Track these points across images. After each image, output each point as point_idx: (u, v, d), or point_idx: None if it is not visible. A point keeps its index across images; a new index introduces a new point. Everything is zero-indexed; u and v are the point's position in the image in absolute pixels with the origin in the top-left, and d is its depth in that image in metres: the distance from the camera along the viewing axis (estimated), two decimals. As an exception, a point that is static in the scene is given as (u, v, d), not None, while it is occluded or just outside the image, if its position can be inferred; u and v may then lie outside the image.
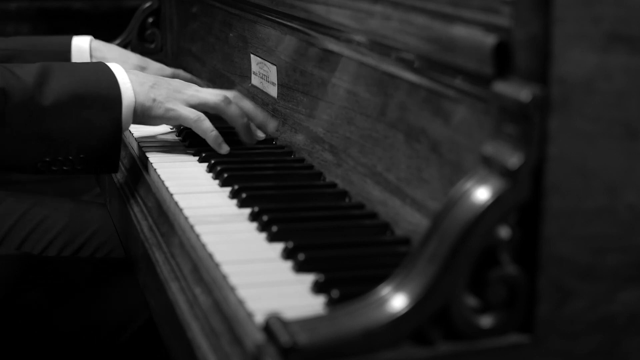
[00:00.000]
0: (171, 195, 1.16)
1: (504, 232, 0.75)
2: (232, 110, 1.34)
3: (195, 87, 1.36)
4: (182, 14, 2.11)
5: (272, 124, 1.39)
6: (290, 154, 1.36)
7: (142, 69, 1.70)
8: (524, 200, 0.75)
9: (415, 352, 0.74)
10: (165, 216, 1.15)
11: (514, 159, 0.75)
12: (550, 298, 0.77)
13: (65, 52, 1.65)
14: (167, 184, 1.20)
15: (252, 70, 1.56)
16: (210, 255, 0.96)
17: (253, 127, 1.38)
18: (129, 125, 1.29)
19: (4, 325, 1.34)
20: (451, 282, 0.75)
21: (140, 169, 1.35)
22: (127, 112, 1.26)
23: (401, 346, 0.74)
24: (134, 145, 1.43)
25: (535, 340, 0.77)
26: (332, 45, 1.22)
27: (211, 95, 1.34)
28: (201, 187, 1.21)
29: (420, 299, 0.74)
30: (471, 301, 0.76)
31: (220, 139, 1.32)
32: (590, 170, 0.77)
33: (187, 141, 1.40)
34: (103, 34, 2.24)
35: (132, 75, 1.28)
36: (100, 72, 1.27)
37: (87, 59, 1.67)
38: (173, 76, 1.74)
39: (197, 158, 1.33)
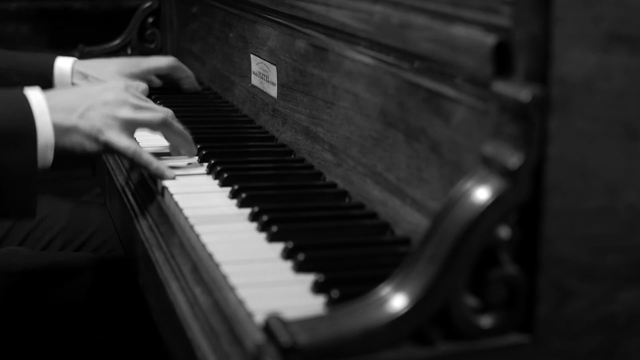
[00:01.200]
0: (171, 195, 1.16)
1: (504, 232, 0.75)
2: (177, 126, 1.27)
3: (134, 100, 1.23)
4: (182, 14, 2.11)
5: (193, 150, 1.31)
6: (290, 154, 1.36)
7: (130, 73, 1.66)
8: (524, 200, 0.75)
9: (415, 352, 0.74)
10: (165, 216, 1.15)
11: (514, 159, 0.75)
12: (550, 298, 0.77)
13: (48, 73, 1.61)
14: (166, 184, 1.20)
15: (252, 70, 1.56)
16: (210, 255, 0.96)
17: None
18: (48, 163, 1.14)
19: (4, 323, 1.34)
20: (451, 282, 0.74)
21: (140, 168, 1.35)
22: (44, 150, 1.12)
23: (401, 346, 0.74)
24: (134, 145, 1.43)
25: (535, 340, 0.77)
26: (332, 45, 1.22)
27: (153, 114, 1.24)
28: (201, 187, 1.21)
29: (420, 299, 0.74)
30: (471, 301, 0.76)
31: (162, 168, 1.22)
32: (590, 170, 0.77)
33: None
34: (103, 34, 2.24)
35: (57, 105, 1.15)
36: (15, 103, 1.13)
37: (68, 82, 1.62)
38: (169, 68, 1.74)
39: (197, 158, 1.33)
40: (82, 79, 1.63)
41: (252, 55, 1.56)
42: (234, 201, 1.14)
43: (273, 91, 1.46)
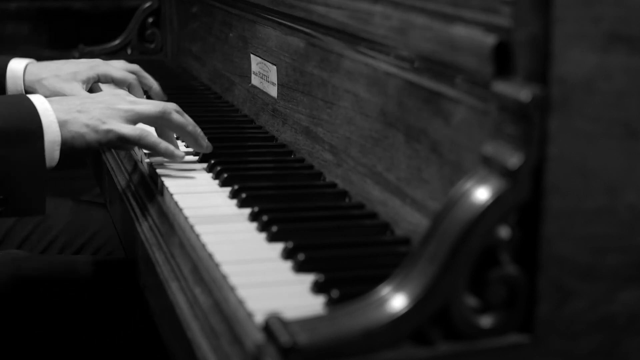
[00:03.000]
0: (171, 195, 1.16)
1: (504, 232, 0.75)
2: (177, 118, 1.24)
3: (130, 98, 1.25)
4: (182, 14, 2.11)
5: (202, 143, 1.30)
6: (290, 154, 1.36)
7: (86, 78, 1.57)
8: (524, 200, 0.75)
9: (415, 352, 0.74)
10: (165, 216, 1.15)
11: (514, 159, 0.75)
12: (550, 298, 0.77)
13: (0, 75, 1.57)
14: (166, 184, 1.20)
15: (252, 70, 1.56)
16: (210, 255, 0.96)
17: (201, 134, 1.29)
18: (55, 161, 1.16)
19: (4, 324, 1.35)
20: (451, 282, 0.74)
21: (139, 169, 1.35)
22: (51, 148, 1.14)
23: (401, 346, 0.74)
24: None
25: (535, 340, 0.77)
26: (332, 46, 1.22)
27: (151, 105, 1.23)
28: (201, 187, 1.21)
29: (420, 299, 0.74)
30: (471, 301, 0.76)
31: (171, 147, 1.23)
32: (590, 170, 0.77)
33: (187, 141, 1.40)
34: (103, 34, 2.24)
35: (55, 105, 1.17)
36: (19, 104, 1.16)
37: (20, 83, 1.57)
38: (130, 71, 1.62)
39: (196, 158, 1.33)
40: (35, 82, 1.57)
41: (252, 55, 1.57)
42: (234, 201, 1.14)
43: (273, 91, 1.46)
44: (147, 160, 1.32)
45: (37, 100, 1.17)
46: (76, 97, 1.24)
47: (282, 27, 1.40)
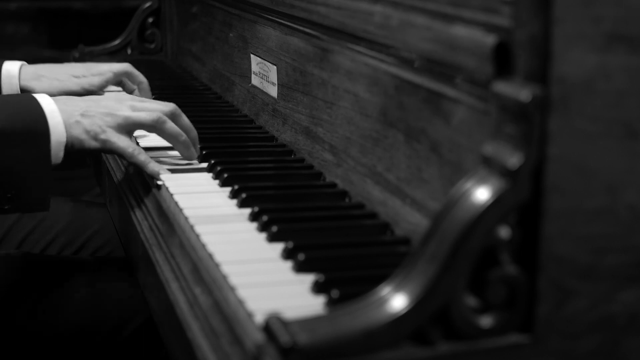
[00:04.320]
0: (171, 195, 1.16)
1: (504, 232, 0.75)
2: (169, 128, 1.26)
3: (129, 102, 1.27)
4: (182, 14, 2.11)
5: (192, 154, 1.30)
6: (290, 154, 1.36)
7: (77, 78, 1.61)
8: (524, 200, 0.75)
9: (415, 352, 0.74)
10: (165, 216, 1.15)
11: (514, 159, 0.75)
12: (550, 298, 0.77)
13: None
14: (167, 184, 1.20)
15: (252, 70, 1.56)
16: (210, 255, 0.96)
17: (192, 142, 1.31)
18: (59, 160, 1.20)
19: (3, 324, 1.34)
20: (451, 282, 0.75)
21: (139, 168, 1.35)
22: (56, 148, 1.18)
23: (401, 346, 0.74)
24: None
25: (535, 340, 0.77)
26: (332, 45, 1.22)
27: (147, 114, 1.25)
28: (201, 187, 1.21)
29: (420, 299, 0.74)
30: (471, 301, 0.76)
31: (157, 169, 1.24)
32: (590, 170, 0.77)
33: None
34: (103, 34, 2.24)
35: (61, 106, 1.20)
36: (27, 105, 1.19)
37: (15, 83, 1.59)
38: (121, 73, 1.64)
39: (197, 158, 1.33)
40: (34, 79, 1.59)
41: (252, 55, 1.57)
42: (234, 201, 1.14)
43: (273, 91, 1.46)
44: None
45: (43, 100, 1.20)
46: (81, 99, 1.27)
47: (282, 27, 1.40)
